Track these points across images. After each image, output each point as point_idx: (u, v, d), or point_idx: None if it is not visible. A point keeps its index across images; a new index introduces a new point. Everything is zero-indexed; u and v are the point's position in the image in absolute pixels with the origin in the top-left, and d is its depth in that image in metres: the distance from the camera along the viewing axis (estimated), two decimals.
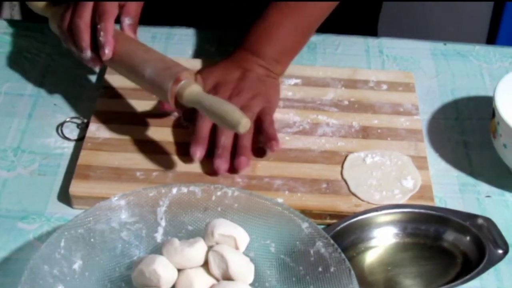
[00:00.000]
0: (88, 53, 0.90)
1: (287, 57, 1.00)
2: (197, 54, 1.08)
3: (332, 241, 0.77)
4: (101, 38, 0.89)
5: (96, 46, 0.90)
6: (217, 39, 1.11)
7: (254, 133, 0.92)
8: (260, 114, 0.93)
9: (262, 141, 0.91)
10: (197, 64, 1.05)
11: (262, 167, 0.91)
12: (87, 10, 0.90)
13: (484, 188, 0.93)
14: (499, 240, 0.83)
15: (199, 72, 0.94)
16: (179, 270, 0.76)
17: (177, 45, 1.07)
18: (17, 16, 1.54)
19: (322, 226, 0.84)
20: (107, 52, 0.88)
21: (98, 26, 0.89)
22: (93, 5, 0.90)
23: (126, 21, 0.92)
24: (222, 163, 0.88)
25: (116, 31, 0.91)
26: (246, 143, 0.90)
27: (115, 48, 0.90)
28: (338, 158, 0.93)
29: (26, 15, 1.34)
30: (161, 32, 1.12)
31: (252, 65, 0.97)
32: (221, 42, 1.11)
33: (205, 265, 0.77)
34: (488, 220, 0.85)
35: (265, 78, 0.97)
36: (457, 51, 1.12)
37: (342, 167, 0.92)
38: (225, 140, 0.89)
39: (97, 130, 0.95)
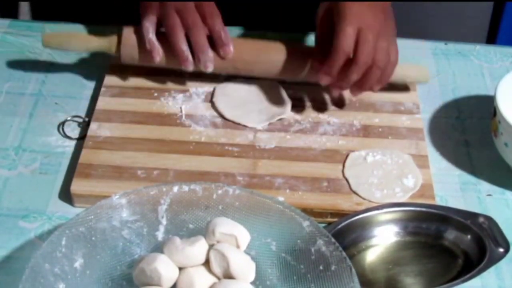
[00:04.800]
0: (209, 53, 0.92)
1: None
2: None
3: (333, 240, 0.77)
4: (223, 39, 0.92)
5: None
6: None
7: None
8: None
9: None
10: None
11: (263, 165, 0.91)
12: (194, 13, 0.92)
13: (485, 186, 0.93)
14: (500, 238, 0.83)
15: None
16: (180, 269, 0.76)
17: None
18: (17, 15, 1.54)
19: (323, 225, 0.84)
20: (231, 48, 0.92)
21: (216, 28, 0.92)
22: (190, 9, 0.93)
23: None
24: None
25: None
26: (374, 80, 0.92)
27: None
28: (339, 157, 0.93)
29: (28, 15, 1.34)
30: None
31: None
32: None
33: (206, 263, 0.77)
34: (489, 218, 0.85)
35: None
36: (458, 50, 1.12)
37: (343, 165, 0.92)
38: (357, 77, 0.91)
39: (98, 128, 0.95)
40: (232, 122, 0.96)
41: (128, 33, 0.98)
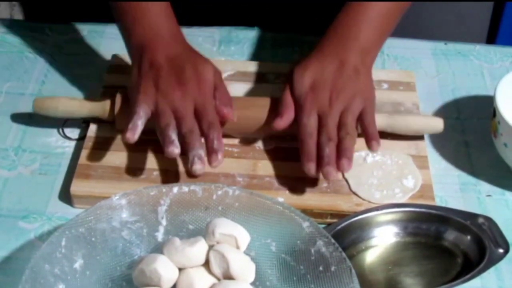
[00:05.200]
0: (200, 152, 0.85)
1: (377, 45, 0.97)
2: None
3: (333, 240, 0.77)
4: (215, 146, 0.85)
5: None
6: (219, 39, 1.11)
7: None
8: (360, 113, 0.90)
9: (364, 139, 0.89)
10: None
11: (263, 166, 0.91)
12: (192, 121, 0.87)
13: (485, 187, 0.93)
14: (499, 239, 0.83)
15: (294, 68, 0.93)
16: (180, 269, 0.76)
17: None
18: (17, 15, 1.54)
19: (323, 225, 0.84)
20: (220, 158, 0.85)
21: (211, 136, 0.86)
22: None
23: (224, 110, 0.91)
24: (332, 170, 0.85)
25: None
26: (349, 145, 0.87)
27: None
28: None
29: (28, 15, 1.34)
30: None
31: (347, 53, 0.93)
32: (223, 42, 1.11)
33: (206, 264, 0.77)
34: (488, 219, 0.85)
35: (361, 69, 0.92)
36: (457, 50, 1.12)
37: None
38: (329, 150, 0.86)
39: (98, 129, 0.95)
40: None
41: (121, 101, 0.93)
